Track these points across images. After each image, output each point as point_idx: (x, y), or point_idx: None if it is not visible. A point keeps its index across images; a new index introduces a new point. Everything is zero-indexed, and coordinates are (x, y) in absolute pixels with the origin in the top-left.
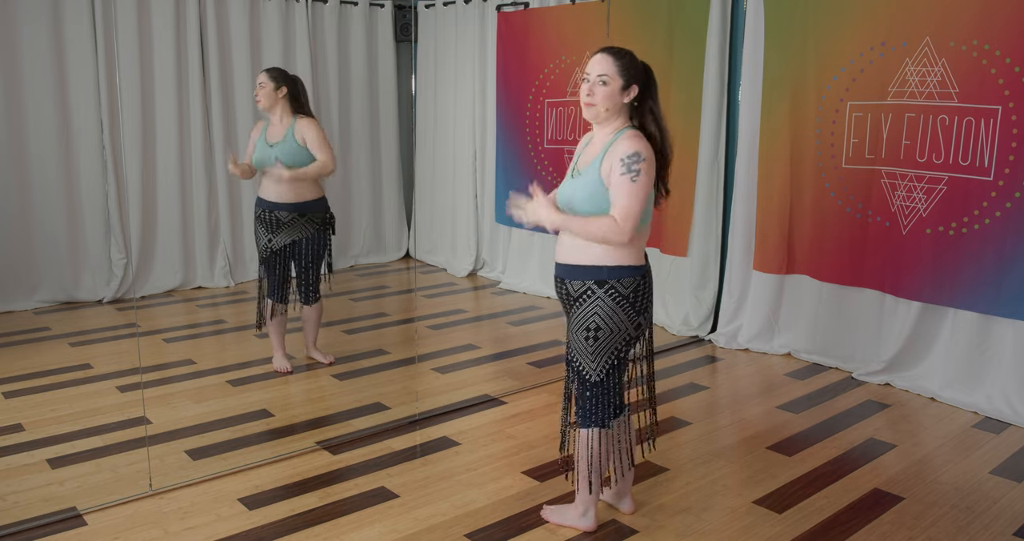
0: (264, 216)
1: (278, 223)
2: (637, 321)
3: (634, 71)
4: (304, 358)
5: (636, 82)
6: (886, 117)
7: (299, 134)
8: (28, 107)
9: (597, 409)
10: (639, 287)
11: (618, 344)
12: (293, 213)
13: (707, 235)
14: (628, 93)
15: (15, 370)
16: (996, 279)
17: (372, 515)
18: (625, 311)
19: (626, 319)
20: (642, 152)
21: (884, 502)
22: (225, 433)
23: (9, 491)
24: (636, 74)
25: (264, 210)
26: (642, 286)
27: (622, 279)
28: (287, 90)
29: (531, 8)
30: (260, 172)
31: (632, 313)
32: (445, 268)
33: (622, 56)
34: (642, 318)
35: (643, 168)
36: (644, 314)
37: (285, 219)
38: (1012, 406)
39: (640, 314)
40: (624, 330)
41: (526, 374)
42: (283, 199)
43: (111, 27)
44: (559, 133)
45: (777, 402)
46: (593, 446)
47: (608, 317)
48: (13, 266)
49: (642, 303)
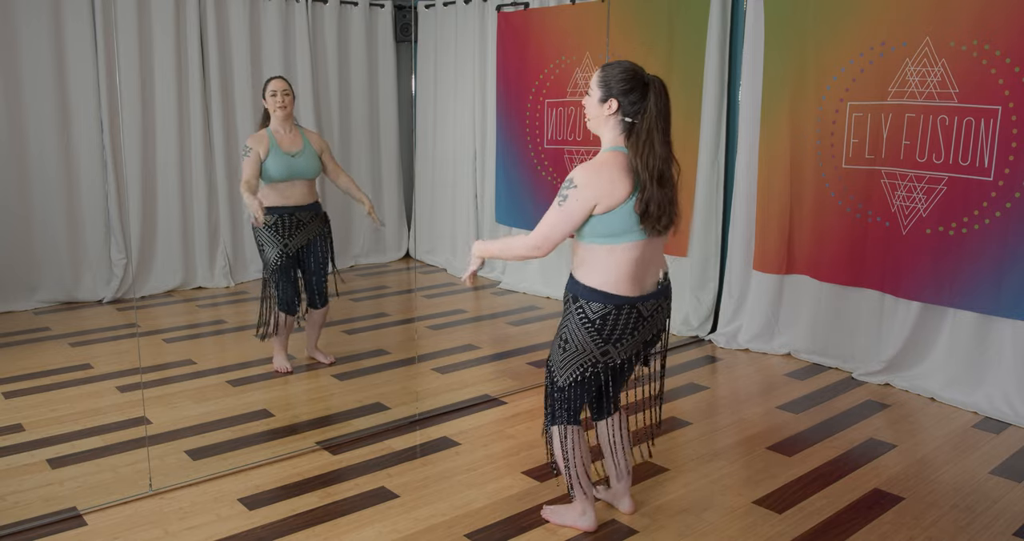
0: (283, 221)
1: (298, 225)
2: (605, 349)
3: (616, 84)
4: (305, 358)
5: (617, 96)
6: (886, 117)
7: (315, 145)
8: (28, 107)
9: (562, 410)
10: (609, 316)
11: (584, 362)
12: (310, 212)
13: (707, 235)
14: (607, 107)
15: (15, 370)
16: (996, 279)
17: (372, 515)
18: (590, 334)
19: (590, 342)
20: (578, 179)
21: (884, 502)
22: (225, 433)
23: (9, 491)
24: (618, 88)
25: (283, 215)
26: (613, 316)
27: (591, 303)
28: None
29: (531, 8)
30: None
31: (597, 339)
32: (445, 268)
33: (608, 68)
34: (612, 347)
35: (571, 194)
36: (616, 344)
37: (305, 219)
38: (1012, 406)
39: (609, 343)
40: (589, 352)
41: (526, 374)
42: (304, 202)
43: (111, 27)
44: (559, 133)
45: (777, 402)
46: (557, 442)
47: (574, 334)
48: (13, 266)
49: (612, 333)
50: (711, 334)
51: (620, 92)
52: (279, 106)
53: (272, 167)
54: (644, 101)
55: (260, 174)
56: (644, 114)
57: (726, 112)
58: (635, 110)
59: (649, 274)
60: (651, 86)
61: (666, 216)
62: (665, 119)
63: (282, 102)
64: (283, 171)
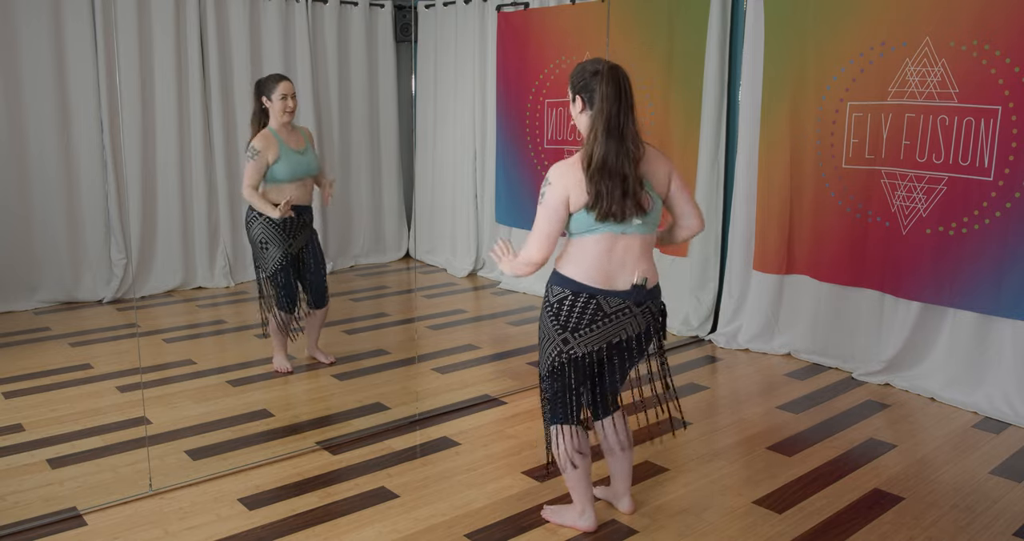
0: (289, 222)
1: (302, 226)
2: (564, 336)
3: (574, 81)
4: (305, 358)
5: (577, 92)
6: (886, 117)
7: (309, 139)
8: (28, 107)
9: (554, 406)
10: (565, 301)
11: (551, 350)
12: (310, 213)
13: (707, 235)
14: (577, 107)
15: (15, 370)
16: (996, 279)
17: (372, 515)
18: (549, 318)
19: (550, 327)
20: (551, 175)
21: (884, 502)
22: (225, 433)
23: (9, 491)
24: (574, 84)
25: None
26: (569, 302)
27: (552, 286)
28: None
29: (531, 8)
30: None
31: (556, 325)
32: (445, 268)
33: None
34: (569, 335)
35: (547, 190)
36: (573, 334)
37: (308, 220)
38: (1012, 406)
39: (566, 331)
40: (551, 339)
41: (526, 374)
42: (306, 201)
43: (111, 27)
44: (559, 133)
45: (777, 402)
46: (554, 442)
47: (541, 319)
48: (13, 266)
49: (568, 320)
50: (711, 334)
51: (580, 88)
52: (288, 110)
53: (283, 167)
54: (592, 90)
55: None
56: (595, 104)
57: (726, 112)
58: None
59: (622, 271)
60: (599, 74)
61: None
62: (617, 102)
63: (292, 106)
64: (292, 170)
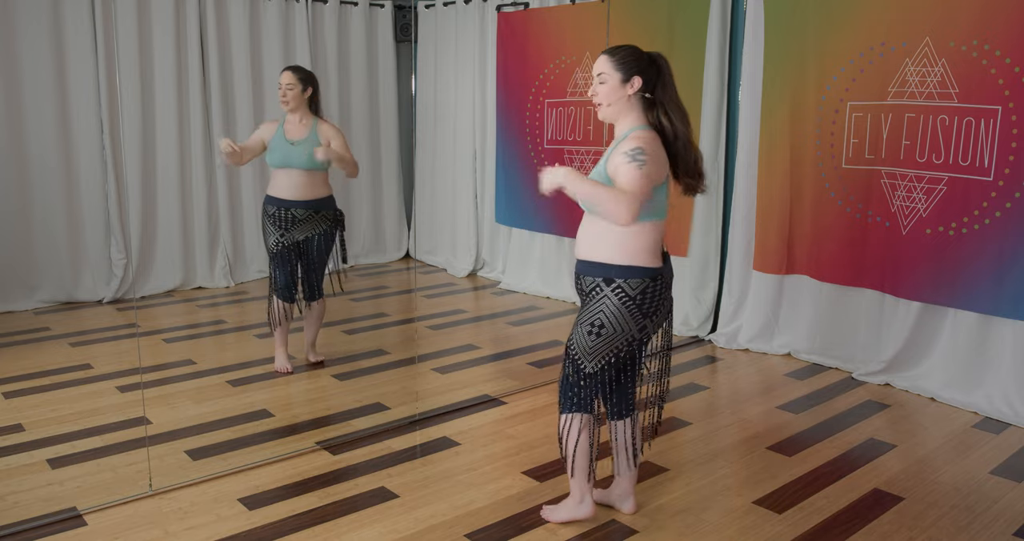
0: (279, 214)
1: (293, 221)
2: (642, 324)
3: (633, 62)
4: (305, 359)
5: (638, 73)
6: (886, 117)
7: (323, 136)
8: (28, 107)
9: (585, 397)
10: (647, 289)
11: (619, 344)
12: (309, 210)
13: (707, 235)
14: (630, 86)
15: (15, 370)
16: (996, 279)
17: (372, 515)
18: (631, 312)
19: (630, 320)
20: (645, 147)
21: (884, 502)
22: (225, 433)
23: (9, 491)
24: (635, 65)
25: (279, 208)
26: (651, 289)
27: (629, 279)
28: (312, 91)
29: (531, 8)
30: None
31: (638, 315)
32: (445, 268)
33: (617, 52)
34: (648, 321)
35: (647, 160)
36: (652, 317)
37: (301, 217)
38: (1012, 406)
39: (647, 317)
40: (627, 331)
41: (526, 374)
42: (300, 197)
43: (111, 27)
44: (559, 133)
45: (777, 402)
46: (574, 430)
47: (612, 316)
48: (13, 266)
49: (650, 306)
50: (711, 334)
51: (640, 69)
52: (283, 99)
53: (271, 153)
54: (660, 75)
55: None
56: (664, 87)
57: (726, 112)
58: (653, 85)
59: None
60: (659, 60)
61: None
62: (675, 90)
63: (283, 95)
64: (278, 157)
